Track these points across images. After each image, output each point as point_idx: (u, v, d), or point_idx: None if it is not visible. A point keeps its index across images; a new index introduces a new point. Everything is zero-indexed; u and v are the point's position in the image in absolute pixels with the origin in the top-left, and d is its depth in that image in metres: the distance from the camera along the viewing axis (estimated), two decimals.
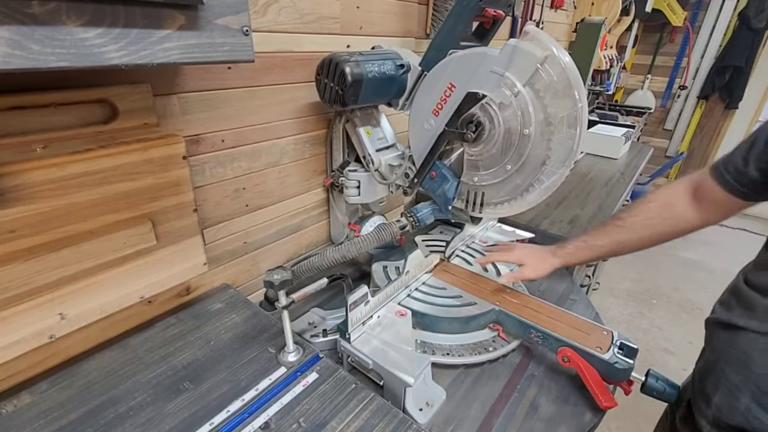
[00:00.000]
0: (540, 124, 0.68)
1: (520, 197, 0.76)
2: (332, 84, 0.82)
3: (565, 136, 0.67)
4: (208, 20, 0.49)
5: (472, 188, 0.81)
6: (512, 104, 0.70)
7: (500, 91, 0.70)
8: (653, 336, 2.41)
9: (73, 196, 0.60)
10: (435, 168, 0.86)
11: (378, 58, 0.84)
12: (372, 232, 0.86)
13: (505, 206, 0.79)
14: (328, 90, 0.83)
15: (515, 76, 0.68)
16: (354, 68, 0.79)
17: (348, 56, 0.81)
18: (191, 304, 0.85)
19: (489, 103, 0.72)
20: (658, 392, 0.73)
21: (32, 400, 0.63)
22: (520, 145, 0.71)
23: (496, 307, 0.86)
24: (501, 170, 0.76)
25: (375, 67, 0.83)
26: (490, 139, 0.75)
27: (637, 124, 2.75)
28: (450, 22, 0.79)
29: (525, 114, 0.69)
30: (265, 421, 0.60)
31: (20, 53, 0.37)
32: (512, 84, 0.68)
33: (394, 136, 1.04)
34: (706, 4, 3.41)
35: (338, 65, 0.79)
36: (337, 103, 0.83)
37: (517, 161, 0.73)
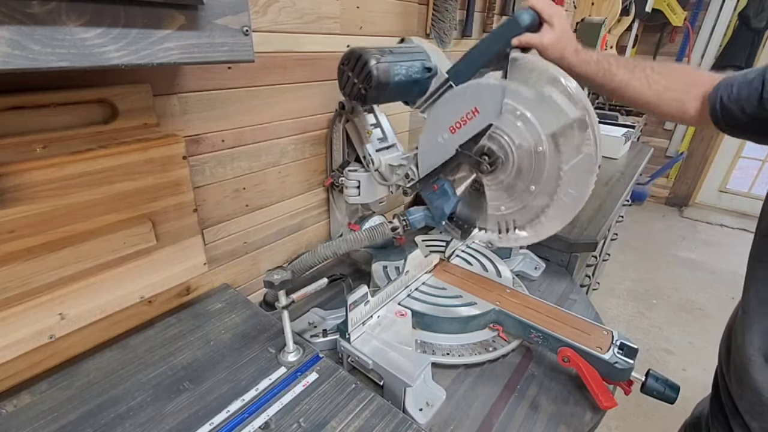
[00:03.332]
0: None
1: (551, 212, 0.72)
2: (356, 80, 0.78)
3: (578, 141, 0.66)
4: (208, 20, 0.49)
5: (501, 218, 0.78)
6: (530, 145, 0.69)
7: (522, 133, 0.69)
8: (653, 336, 2.41)
9: (73, 196, 0.60)
10: (439, 182, 0.86)
11: (407, 59, 0.80)
12: (363, 231, 0.87)
13: (539, 226, 0.74)
14: (350, 84, 0.79)
15: (540, 125, 0.67)
16: (381, 71, 0.75)
17: (378, 54, 0.76)
18: (191, 304, 0.85)
19: (508, 140, 0.71)
20: (658, 392, 0.73)
21: (32, 400, 0.63)
22: (537, 163, 0.70)
23: (496, 307, 0.86)
24: (525, 193, 0.72)
25: (402, 69, 0.79)
26: (505, 169, 0.73)
27: (637, 124, 2.75)
28: (489, 41, 0.75)
29: (539, 142, 0.68)
30: (265, 421, 0.60)
31: (20, 53, 0.37)
32: (536, 130, 0.68)
33: (395, 136, 1.04)
34: (706, 4, 3.41)
35: (366, 65, 0.75)
36: (357, 100, 0.81)
37: (539, 180, 0.70)
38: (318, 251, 0.83)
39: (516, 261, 1.15)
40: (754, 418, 0.64)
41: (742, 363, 0.64)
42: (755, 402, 0.62)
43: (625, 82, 0.72)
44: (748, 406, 0.64)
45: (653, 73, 0.70)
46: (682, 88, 0.68)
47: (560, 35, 0.72)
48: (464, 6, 1.43)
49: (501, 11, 1.69)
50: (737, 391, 0.67)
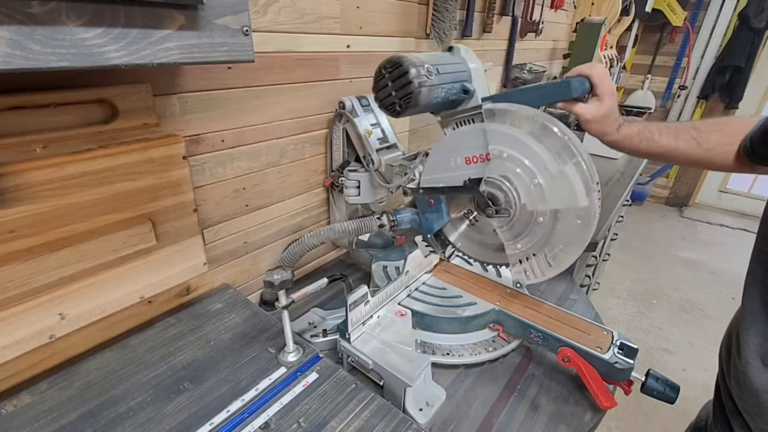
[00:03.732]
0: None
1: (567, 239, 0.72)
2: (393, 92, 0.72)
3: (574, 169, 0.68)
4: (208, 20, 0.49)
5: (521, 255, 0.78)
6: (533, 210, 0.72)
7: (532, 197, 0.71)
8: (653, 336, 2.41)
9: (73, 196, 0.60)
10: (437, 199, 0.86)
11: (450, 80, 0.75)
12: (351, 222, 0.87)
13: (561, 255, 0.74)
14: (386, 93, 0.74)
15: (550, 199, 0.70)
16: (423, 94, 0.71)
17: (425, 75, 0.70)
18: (191, 304, 0.85)
19: (516, 197, 0.74)
20: (658, 392, 0.73)
21: (32, 400, 0.63)
22: (533, 227, 0.73)
23: (496, 307, 0.86)
24: (536, 226, 0.73)
25: (443, 92, 0.75)
26: (502, 218, 0.76)
27: None
28: (535, 94, 0.73)
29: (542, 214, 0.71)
30: (265, 421, 0.60)
31: (20, 53, 0.37)
32: (545, 201, 0.71)
33: (395, 136, 1.04)
34: (706, 4, 3.41)
35: (409, 85, 0.69)
36: (386, 110, 0.76)
37: (544, 203, 0.72)
38: (305, 240, 0.83)
39: None
40: (753, 418, 0.64)
41: (741, 365, 0.64)
42: (753, 403, 0.63)
43: (673, 148, 0.73)
44: (747, 406, 0.65)
45: (701, 134, 0.72)
46: (736, 138, 0.70)
47: (607, 113, 0.73)
48: (464, 6, 1.43)
49: (501, 11, 1.69)
50: (737, 392, 0.67)
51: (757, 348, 0.62)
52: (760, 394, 0.61)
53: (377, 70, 0.75)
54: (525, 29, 1.92)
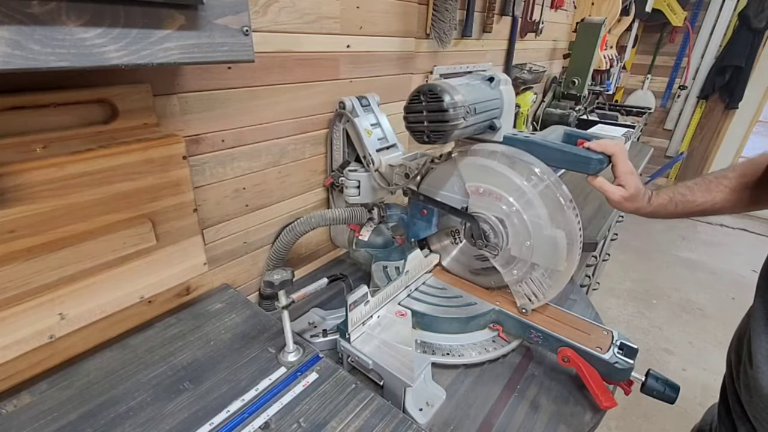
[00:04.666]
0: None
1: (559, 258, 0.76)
2: (426, 122, 0.71)
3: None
4: (208, 20, 0.49)
5: (520, 280, 0.82)
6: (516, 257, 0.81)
7: (521, 248, 0.79)
8: (653, 336, 2.41)
9: (73, 196, 0.60)
10: (430, 211, 0.88)
11: (483, 119, 0.75)
12: (341, 209, 0.90)
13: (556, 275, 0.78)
14: (418, 119, 0.72)
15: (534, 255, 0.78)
16: (456, 134, 0.71)
17: (463, 116, 0.69)
18: (191, 304, 0.85)
19: (505, 241, 0.81)
20: (658, 392, 0.72)
21: (32, 400, 0.63)
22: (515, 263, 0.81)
23: (496, 307, 0.86)
24: (524, 250, 0.79)
25: (472, 129, 0.75)
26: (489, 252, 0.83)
27: (637, 124, 2.75)
28: (555, 156, 0.75)
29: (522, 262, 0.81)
30: (265, 421, 0.60)
31: (20, 53, 0.37)
32: (528, 256, 0.79)
33: (395, 136, 1.04)
34: (706, 4, 3.41)
35: (445, 123, 0.68)
36: (413, 134, 0.75)
37: (528, 237, 0.77)
38: (295, 227, 0.84)
39: None
40: (762, 425, 0.63)
41: (752, 370, 0.64)
42: (763, 408, 0.62)
43: (710, 203, 0.74)
44: (756, 412, 0.64)
45: (732, 181, 0.72)
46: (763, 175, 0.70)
47: (634, 193, 0.75)
48: (464, 6, 1.43)
49: (501, 11, 1.69)
50: (746, 397, 0.66)
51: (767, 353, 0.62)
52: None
53: (415, 92, 0.72)
54: (525, 29, 1.92)
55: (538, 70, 2.02)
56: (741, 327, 0.75)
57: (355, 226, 1.08)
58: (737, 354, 0.72)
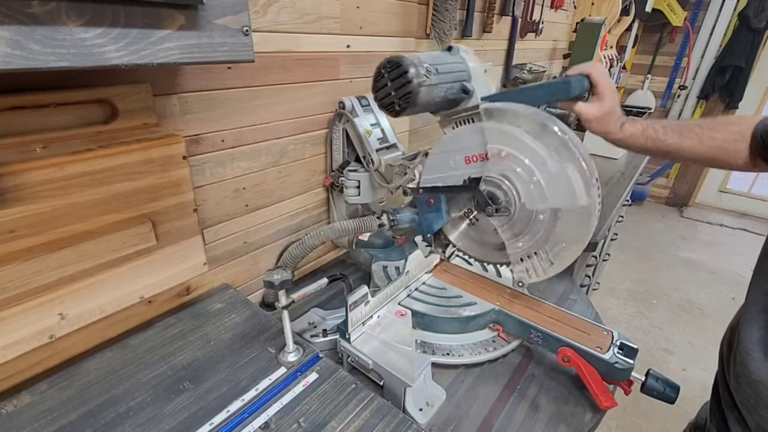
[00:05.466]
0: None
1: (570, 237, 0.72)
2: (392, 92, 0.72)
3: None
4: (208, 20, 0.49)
5: (523, 254, 0.78)
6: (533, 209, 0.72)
7: (531, 196, 0.71)
8: (653, 336, 2.41)
9: (73, 196, 0.60)
10: (436, 199, 0.85)
11: (450, 80, 0.75)
12: (350, 221, 0.87)
13: (563, 252, 0.74)
14: (386, 93, 0.74)
15: (550, 197, 0.70)
16: (422, 94, 0.71)
17: (424, 75, 0.70)
18: (191, 304, 0.85)
19: (516, 196, 0.73)
20: (658, 392, 0.73)
21: (32, 400, 0.63)
22: (534, 225, 0.72)
23: (496, 307, 0.86)
24: (536, 224, 0.74)
25: (442, 91, 0.74)
26: (502, 217, 0.76)
27: None
28: (535, 95, 0.73)
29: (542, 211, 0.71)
30: (265, 421, 0.60)
31: (20, 53, 0.37)
32: (545, 199, 0.70)
33: (395, 136, 1.04)
34: (706, 4, 3.41)
35: (409, 84, 0.69)
36: (385, 110, 0.76)
37: (544, 202, 0.72)
38: (305, 241, 0.83)
39: None
40: (750, 411, 0.64)
41: (741, 357, 0.65)
42: (751, 395, 0.63)
43: (676, 146, 0.73)
44: (744, 398, 0.65)
45: (704, 131, 0.72)
46: (739, 137, 0.70)
47: (608, 111, 0.73)
48: (464, 6, 1.43)
49: (501, 11, 1.69)
50: (734, 385, 0.67)
51: (760, 339, 0.62)
52: (758, 385, 0.61)
53: (376, 71, 0.74)
54: (525, 29, 1.92)
55: (538, 70, 2.02)
56: (733, 320, 0.76)
57: None
58: (728, 344, 0.72)
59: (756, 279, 0.67)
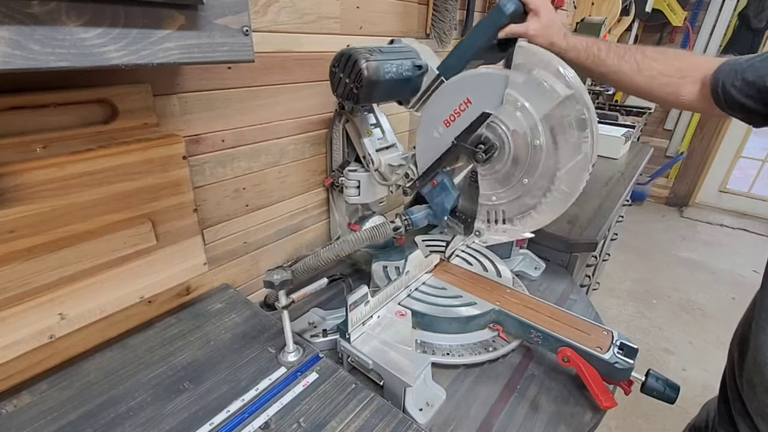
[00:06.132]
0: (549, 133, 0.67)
1: (542, 206, 0.72)
2: (347, 80, 0.78)
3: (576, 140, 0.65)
4: (208, 20, 0.49)
5: (491, 208, 0.78)
6: (525, 132, 0.68)
7: (516, 119, 0.68)
8: (653, 336, 2.41)
9: (73, 196, 0.60)
10: (438, 178, 0.86)
11: (396, 57, 0.81)
12: (365, 231, 0.85)
13: (529, 219, 0.74)
14: (343, 85, 0.80)
15: (534, 108, 0.66)
16: (371, 68, 0.76)
17: (367, 53, 0.77)
18: (191, 304, 0.85)
19: (503, 128, 0.70)
20: (658, 392, 0.73)
21: (32, 400, 0.63)
22: (533, 157, 0.69)
23: (496, 307, 0.86)
24: (518, 185, 0.72)
25: (393, 67, 0.79)
26: (501, 158, 0.73)
27: (637, 124, 2.75)
28: (476, 33, 0.76)
29: (535, 131, 0.67)
30: (265, 421, 0.60)
31: (20, 53, 0.37)
32: (530, 114, 0.67)
33: (395, 136, 1.04)
34: (706, 4, 3.41)
35: (356, 63, 0.76)
36: (350, 100, 0.81)
37: (533, 173, 0.70)
38: (321, 254, 0.82)
39: (516, 261, 1.15)
40: (765, 421, 0.63)
41: (756, 365, 0.63)
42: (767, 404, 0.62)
43: (615, 68, 0.72)
44: (759, 408, 0.64)
45: (645, 59, 0.70)
46: (676, 72, 0.69)
47: (547, 24, 0.73)
48: (464, 6, 1.43)
49: None
50: (749, 394, 0.66)
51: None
52: None
53: (329, 71, 0.81)
54: None
55: None
56: (744, 322, 0.74)
57: (355, 226, 1.08)
58: (740, 349, 0.71)
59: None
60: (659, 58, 0.70)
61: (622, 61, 0.72)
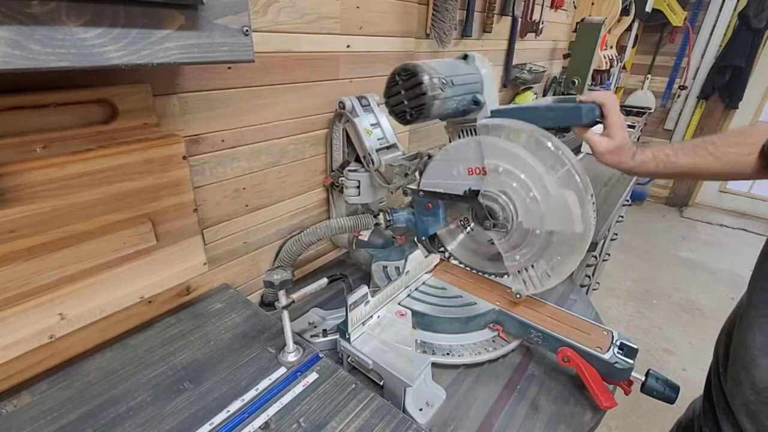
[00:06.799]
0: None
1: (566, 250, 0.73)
2: (405, 101, 0.71)
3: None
4: (208, 20, 0.49)
5: (521, 266, 0.79)
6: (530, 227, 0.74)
7: (529, 216, 0.73)
8: (653, 336, 2.41)
9: (73, 196, 0.60)
10: (435, 204, 0.86)
11: (463, 92, 0.75)
12: (347, 218, 0.88)
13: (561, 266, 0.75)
14: (398, 101, 0.73)
15: (546, 218, 0.72)
16: (435, 105, 0.70)
17: (440, 87, 0.69)
18: (191, 304, 0.85)
19: (514, 213, 0.75)
20: (658, 392, 0.73)
21: (32, 400, 0.63)
22: (530, 239, 0.74)
23: (496, 307, 0.86)
24: (533, 237, 0.75)
25: (454, 104, 0.74)
26: (499, 232, 0.78)
27: (638, 124, 2.75)
28: (546, 114, 0.73)
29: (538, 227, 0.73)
30: (265, 421, 0.60)
31: (20, 53, 0.37)
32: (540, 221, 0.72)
33: (395, 136, 1.04)
34: (706, 4, 3.41)
35: (422, 97, 0.69)
36: (396, 117, 0.75)
37: (540, 224, 0.73)
38: (301, 238, 0.83)
39: None
40: (750, 417, 0.64)
41: (742, 362, 0.64)
42: (754, 401, 0.62)
43: (691, 166, 0.72)
44: (742, 405, 0.64)
45: (718, 148, 0.71)
46: (752, 150, 0.69)
47: (619, 146, 0.73)
48: (464, 6, 1.43)
49: (501, 11, 1.69)
50: (733, 390, 0.67)
51: (764, 344, 0.61)
52: (764, 392, 0.61)
53: (391, 76, 0.73)
54: (525, 29, 1.92)
55: (538, 70, 2.02)
56: (730, 321, 0.75)
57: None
58: (726, 347, 0.72)
59: (758, 281, 0.65)
60: (732, 142, 0.71)
61: (696, 158, 0.72)
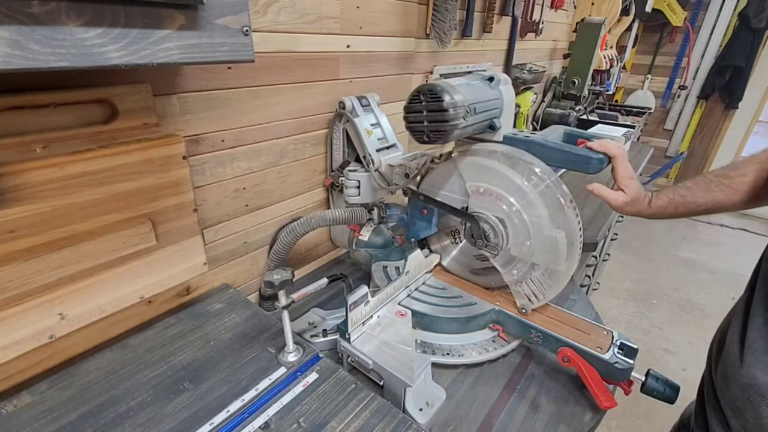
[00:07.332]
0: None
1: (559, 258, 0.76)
2: (425, 122, 0.70)
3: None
4: (208, 20, 0.49)
5: (520, 282, 0.82)
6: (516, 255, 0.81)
7: (517, 245, 0.79)
8: (653, 336, 2.41)
9: (73, 196, 0.60)
10: (430, 210, 0.87)
11: (483, 119, 0.75)
12: (340, 210, 0.90)
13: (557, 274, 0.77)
14: (418, 119, 0.71)
15: (533, 253, 0.78)
16: (455, 134, 0.70)
17: (463, 116, 0.69)
18: (191, 304, 0.85)
19: (505, 241, 0.80)
20: (658, 392, 0.73)
21: (32, 400, 0.63)
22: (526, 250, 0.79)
23: (496, 307, 0.86)
24: (524, 250, 0.78)
25: (472, 129, 0.74)
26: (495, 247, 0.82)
27: (637, 124, 2.75)
28: (555, 155, 0.75)
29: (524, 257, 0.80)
30: (265, 421, 0.60)
31: (20, 53, 0.37)
32: (528, 253, 0.78)
33: (395, 136, 1.04)
34: (706, 4, 3.41)
35: (444, 123, 0.68)
36: (413, 134, 0.74)
37: (528, 237, 0.77)
38: (295, 228, 0.84)
39: None
40: (736, 414, 0.64)
41: (732, 359, 0.64)
42: (739, 398, 0.63)
43: (711, 201, 0.73)
44: (730, 402, 0.65)
45: (733, 180, 0.72)
46: (763, 174, 0.70)
47: (634, 197, 0.75)
48: (464, 6, 1.43)
49: (501, 11, 1.69)
50: (722, 387, 0.67)
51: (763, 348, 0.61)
52: (748, 389, 0.61)
53: (414, 92, 0.72)
54: (525, 29, 1.92)
55: (538, 70, 2.02)
56: (725, 321, 0.75)
57: (355, 226, 1.08)
58: (719, 346, 0.72)
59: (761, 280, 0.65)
60: (744, 171, 0.71)
61: (713, 193, 0.73)
